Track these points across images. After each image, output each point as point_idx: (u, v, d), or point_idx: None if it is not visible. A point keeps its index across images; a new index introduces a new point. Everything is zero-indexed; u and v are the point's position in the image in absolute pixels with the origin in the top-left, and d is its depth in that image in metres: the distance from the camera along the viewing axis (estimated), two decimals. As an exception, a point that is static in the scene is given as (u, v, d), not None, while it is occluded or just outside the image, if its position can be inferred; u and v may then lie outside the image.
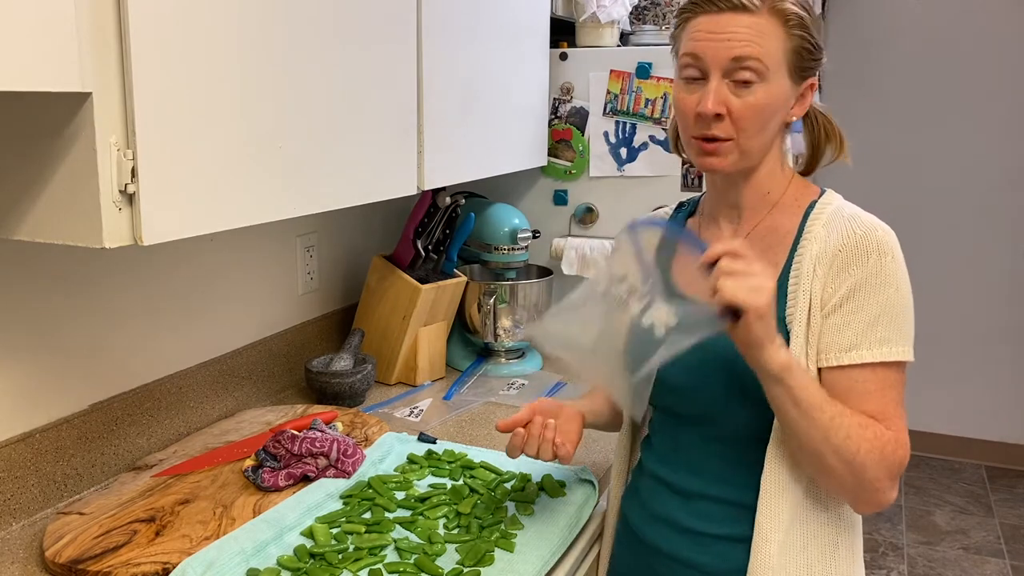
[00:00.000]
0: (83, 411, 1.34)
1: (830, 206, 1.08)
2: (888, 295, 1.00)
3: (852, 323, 1.00)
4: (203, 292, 1.57)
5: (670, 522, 1.13)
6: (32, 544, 1.19)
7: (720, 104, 1.02)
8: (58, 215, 0.93)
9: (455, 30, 1.55)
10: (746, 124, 1.03)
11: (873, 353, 0.99)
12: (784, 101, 1.05)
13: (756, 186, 1.11)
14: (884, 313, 1.00)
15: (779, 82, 1.03)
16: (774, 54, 1.02)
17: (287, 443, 1.32)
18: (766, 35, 1.01)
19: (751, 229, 1.12)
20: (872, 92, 3.86)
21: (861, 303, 1.00)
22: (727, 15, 1.02)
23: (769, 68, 1.01)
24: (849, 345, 1.00)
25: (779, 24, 1.02)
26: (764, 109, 1.02)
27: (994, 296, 3.79)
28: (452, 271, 1.90)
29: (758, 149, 1.06)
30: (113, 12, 0.89)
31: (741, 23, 1.01)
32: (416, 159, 1.47)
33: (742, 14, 1.01)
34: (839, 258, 1.02)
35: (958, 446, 3.92)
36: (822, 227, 1.05)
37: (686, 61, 1.05)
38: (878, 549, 3.20)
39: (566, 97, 2.02)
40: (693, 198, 1.24)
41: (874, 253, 1.01)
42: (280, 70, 1.13)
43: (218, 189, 1.05)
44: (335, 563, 1.10)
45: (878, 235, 1.02)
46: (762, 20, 1.01)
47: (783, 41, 1.02)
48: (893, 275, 1.01)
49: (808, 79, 1.07)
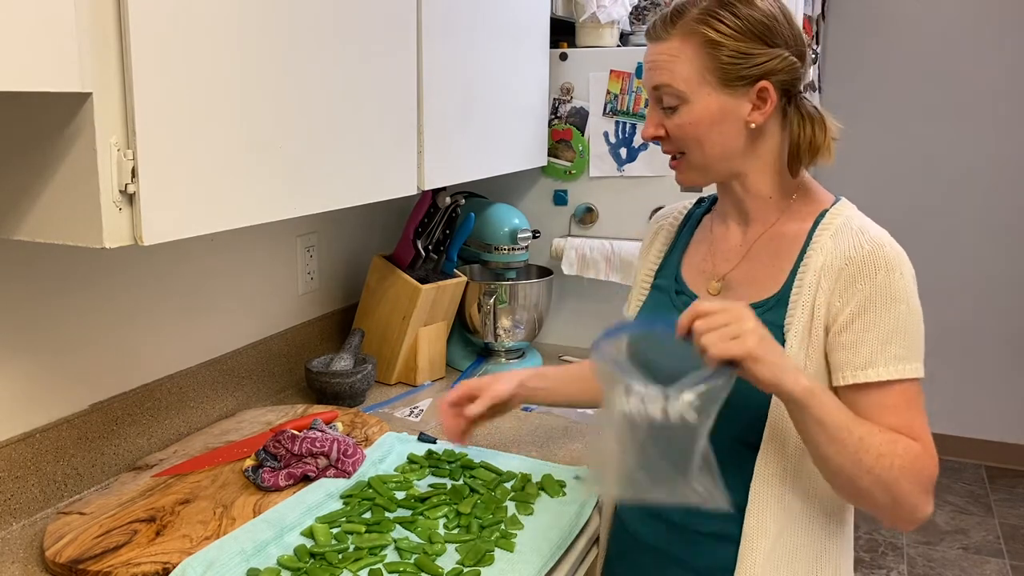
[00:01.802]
0: (83, 411, 1.34)
1: (839, 217, 1.07)
2: (900, 311, 0.99)
3: (866, 340, 0.99)
4: (203, 292, 1.57)
5: (662, 518, 1.14)
6: (32, 544, 1.19)
7: (657, 127, 1.10)
8: (58, 215, 0.93)
9: (455, 30, 1.55)
10: (682, 142, 1.09)
11: (889, 371, 0.98)
12: (720, 115, 1.06)
13: (753, 190, 1.12)
14: (897, 329, 0.99)
15: (704, 100, 1.05)
16: (688, 76, 1.05)
17: (287, 443, 1.32)
18: (678, 59, 1.05)
19: (760, 234, 1.13)
20: (872, 92, 3.86)
21: (873, 320, 0.99)
22: (652, 45, 1.10)
23: (686, 90, 1.05)
24: (865, 363, 0.99)
25: (694, 46, 1.04)
26: (694, 127, 1.06)
27: (994, 296, 3.79)
28: (452, 271, 1.90)
29: (713, 162, 1.09)
30: (113, 12, 0.89)
31: (659, 51, 1.08)
32: (416, 159, 1.47)
33: (659, 43, 1.08)
34: (845, 272, 1.01)
35: (958, 446, 3.92)
36: (830, 238, 1.05)
37: None
38: (878, 549, 3.20)
39: (566, 97, 2.02)
40: (713, 195, 1.25)
41: (882, 269, 1.00)
42: (280, 70, 1.13)
43: (218, 189, 1.05)
44: (335, 563, 1.10)
45: (886, 251, 1.01)
46: (674, 45, 1.06)
47: (698, 62, 1.04)
48: (903, 291, 1.00)
49: (755, 85, 1.04)
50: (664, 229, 1.27)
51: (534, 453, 1.49)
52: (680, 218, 1.27)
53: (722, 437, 1.04)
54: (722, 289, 1.13)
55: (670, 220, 1.28)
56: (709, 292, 1.14)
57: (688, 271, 1.19)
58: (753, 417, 1.04)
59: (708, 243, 1.19)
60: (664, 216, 1.30)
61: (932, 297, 3.80)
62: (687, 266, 1.20)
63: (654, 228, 1.29)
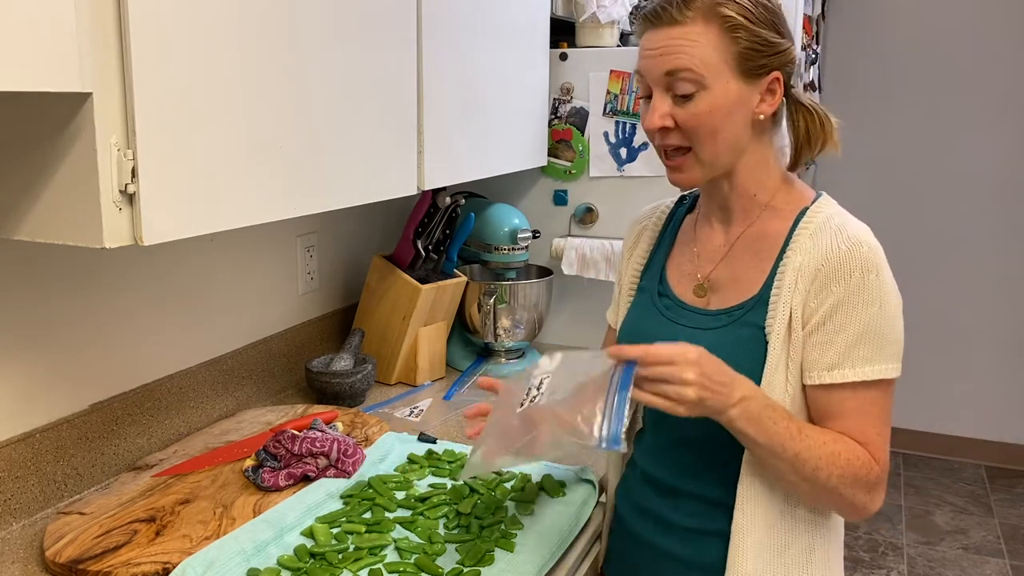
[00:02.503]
0: (83, 411, 1.34)
1: (820, 214, 1.07)
2: (871, 314, 1.00)
3: (835, 342, 1.00)
4: (203, 292, 1.57)
5: (655, 516, 1.16)
6: (32, 544, 1.19)
7: (664, 118, 1.04)
8: (58, 215, 0.93)
9: (455, 30, 1.55)
10: (694, 133, 1.04)
11: (856, 372, 1.00)
12: (736, 104, 1.03)
13: (740, 188, 1.11)
14: (867, 332, 1.00)
15: (723, 87, 1.02)
16: (710, 61, 1.01)
17: (287, 443, 1.32)
18: (699, 43, 1.01)
19: (741, 232, 1.12)
20: (872, 92, 3.86)
21: (843, 322, 1.00)
22: (662, 30, 1.03)
23: (706, 76, 1.01)
24: (831, 364, 1.01)
25: (716, 30, 1.01)
26: (711, 115, 1.03)
27: (994, 296, 3.79)
28: (452, 271, 1.90)
29: (722, 155, 1.06)
30: (113, 12, 0.89)
31: (673, 36, 1.02)
32: (416, 159, 1.47)
33: (674, 27, 1.02)
34: (821, 273, 1.01)
35: (958, 446, 3.92)
36: (809, 237, 1.05)
37: (637, 79, 1.08)
38: (878, 549, 3.20)
39: (566, 97, 2.02)
40: (695, 193, 1.24)
41: (857, 271, 1.00)
42: (280, 70, 1.13)
43: (218, 189, 1.05)
44: (335, 563, 1.10)
45: (863, 251, 1.01)
46: (696, 29, 1.01)
47: (721, 46, 1.01)
48: (878, 292, 1.00)
49: (769, 75, 1.05)
50: (648, 230, 1.25)
51: (534, 453, 1.49)
52: (663, 218, 1.25)
53: (710, 436, 1.05)
54: (708, 291, 1.13)
55: (653, 220, 1.26)
56: (696, 295, 1.14)
57: (673, 273, 1.18)
58: None
59: (692, 244, 1.18)
60: (647, 216, 1.28)
61: (932, 297, 3.83)
62: (672, 268, 1.19)
63: (637, 229, 1.28)
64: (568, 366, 1.02)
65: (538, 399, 0.99)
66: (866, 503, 1.02)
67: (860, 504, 1.02)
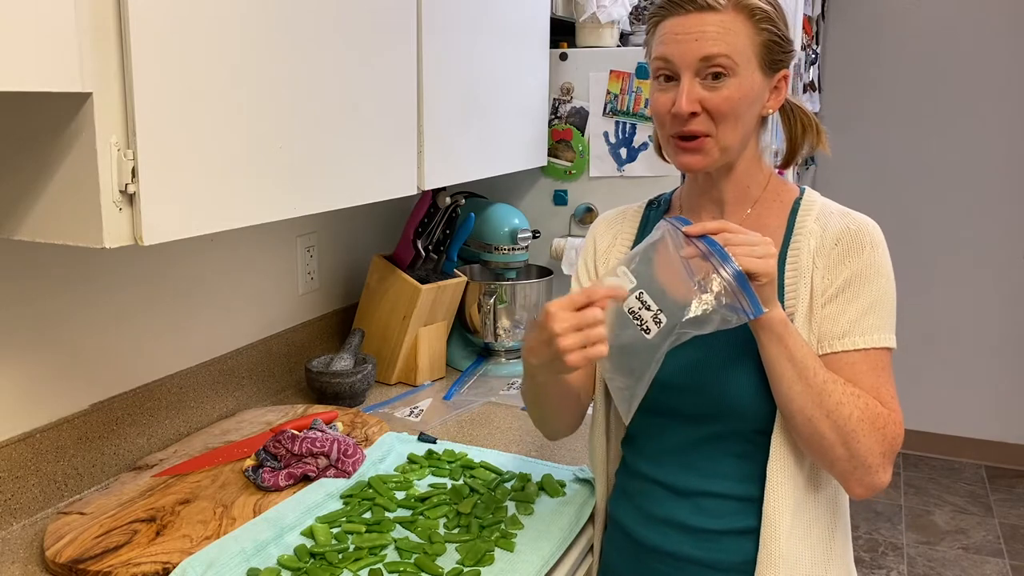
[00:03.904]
0: (83, 411, 1.34)
1: (815, 203, 1.13)
2: (880, 285, 1.06)
3: (847, 311, 1.05)
4: (203, 292, 1.57)
5: (670, 522, 1.12)
6: (32, 544, 1.19)
7: (694, 102, 1.04)
8: (58, 215, 0.93)
9: (455, 30, 1.55)
10: (722, 118, 1.05)
11: (865, 340, 1.04)
12: (757, 95, 1.07)
13: (737, 181, 1.13)
14: (877, 302, 1.05)
15: (750, 76, 1.05)
16: (743, 50, 1.03)
17: (287, 443, 1.32)
18: (733, 32, 1.03)
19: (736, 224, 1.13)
20: (872, 92, 3.86)
21: (856, 293, 1.05)
22: (694, 16, 1.04)
23: (739, 64, 1.03)
24: (842, 332, 1.05)
25: (746, 20, 1.04)
26: (739, 102, 1.04)
27: (994, 295, 3.80)
28: (452, 271, 1.90)
29: (737, 143, 1.08)
30: (113, 12, 0.89)
31: (708, 22, 1.03)
32: (416, 159, 1.48)
33: (708, 13, 1.03)
34: (837, 249, 1.07)
35: (958, 446, 3.92)
36: (814, 221, 1.10)
37: (658, 64, 1.07)
38: (878, 549, 3.20)
39: (566, 97, 2.02)
40: (664, 195, 1.25)
41: (868, 246, 1.06)
42: (280, 70, 1.13)
43: (218, 189, 1.05)
44: (335, 563, 1.10)
45: (871, 228, 1.08)
46: (728, 17, 1.03)
47: (751, 36, 1.04)
48: (884, 266, 1.07)
49: (780, 72, 1.09)
50: (623, 233, 1.22)
51: (534, 453, 1.49)
52: (637, 221, 1.23)
53: (735, 427, 1.08)
54: None
55: (627, 224, 1.23)
56: None
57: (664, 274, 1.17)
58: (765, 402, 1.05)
59: None
60: (616, 221, 1.25)
61: (932, 296, 3.83)
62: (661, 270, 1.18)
63: (612, 231, 1.24)
64: (642, 267, 0.99)
65: (654, 310, 0.96)
66: (878, 467, 1.00)
67: (873, 466, 1.00)
